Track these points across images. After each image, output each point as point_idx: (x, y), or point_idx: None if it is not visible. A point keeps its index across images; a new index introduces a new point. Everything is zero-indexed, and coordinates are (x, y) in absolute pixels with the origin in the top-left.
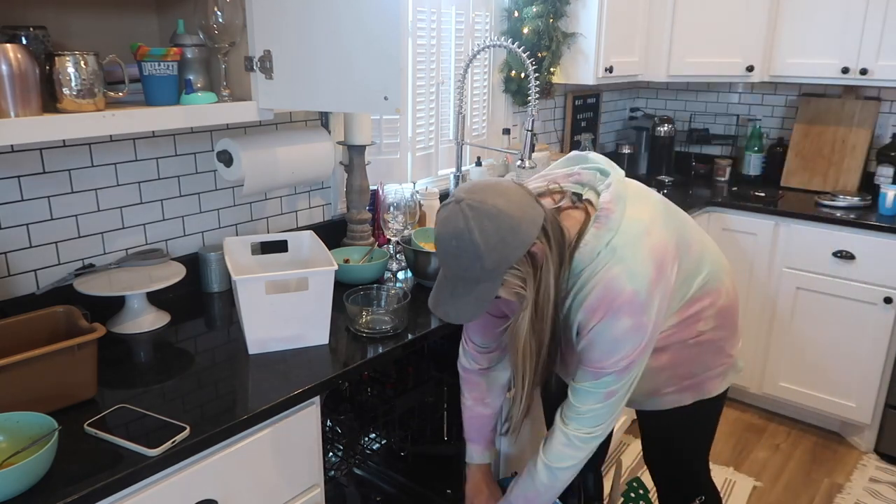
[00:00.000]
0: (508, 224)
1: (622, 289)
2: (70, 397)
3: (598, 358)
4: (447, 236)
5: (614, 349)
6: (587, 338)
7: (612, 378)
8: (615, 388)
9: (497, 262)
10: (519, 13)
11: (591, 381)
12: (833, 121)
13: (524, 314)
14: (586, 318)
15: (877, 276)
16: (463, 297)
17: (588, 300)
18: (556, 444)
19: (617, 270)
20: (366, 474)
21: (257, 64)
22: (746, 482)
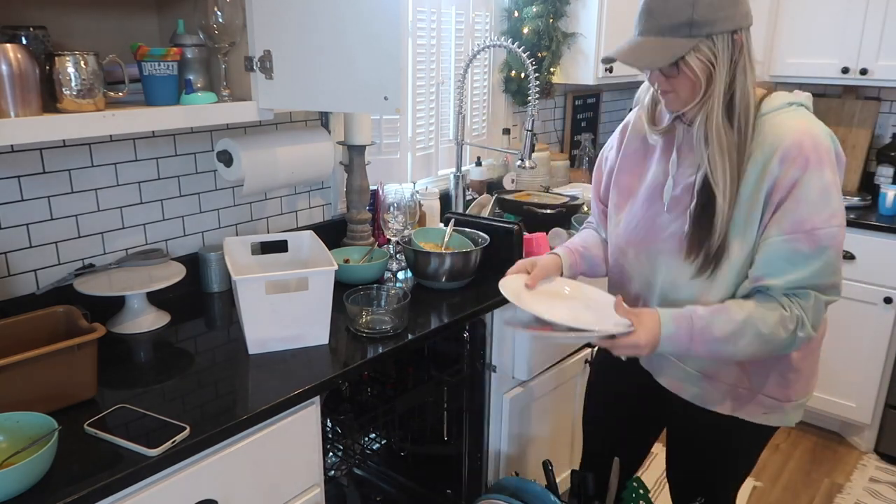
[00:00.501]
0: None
1: (822, 141)
2: (70, 397)
3: (808, 215)
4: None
5: (825, 202)
6: (791, 193)
7: (828, 237)
8: (835, 262)
9: (705, 19)
10: (519, 13)
11: (806, 249)
12: (833, 121)
13: (714, 101)
14: (781, 168)
15: (877, 276)
16: (650, 46)
17: (781, 149)
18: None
19: (811, 123)
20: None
21: (257, 64)
22: (746, 482)
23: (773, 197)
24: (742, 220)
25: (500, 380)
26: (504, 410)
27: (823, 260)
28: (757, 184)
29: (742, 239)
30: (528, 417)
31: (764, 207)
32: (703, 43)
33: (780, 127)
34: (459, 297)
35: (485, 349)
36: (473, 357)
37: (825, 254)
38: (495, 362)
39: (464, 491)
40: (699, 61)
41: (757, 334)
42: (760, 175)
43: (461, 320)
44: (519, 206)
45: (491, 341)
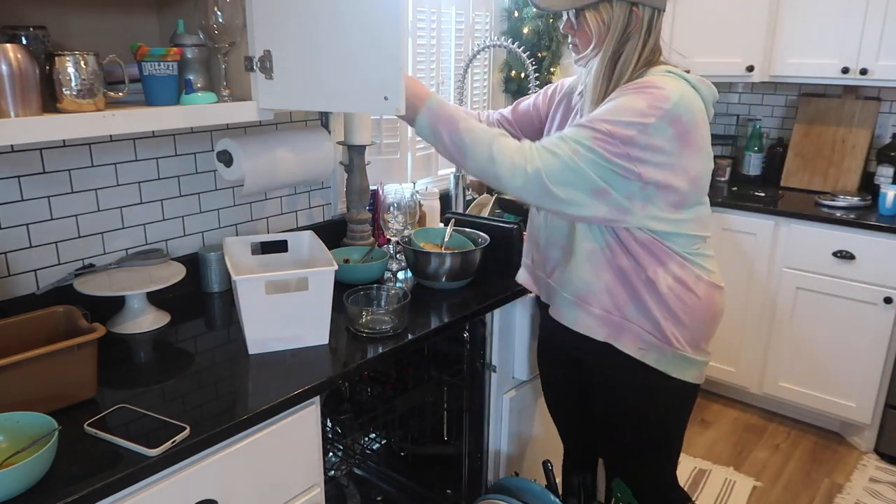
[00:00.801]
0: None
1: (662, 86)
2: (70, 397)
3: (593, 115)
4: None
5: (610, 110)
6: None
7: (586, 134)
8: (581, 147)
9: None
10: (519, 13)
11: (572, 129)
12: (833, 121)
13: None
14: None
15: (877, 276)
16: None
17: (631, 84)
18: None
19: (670, 80)
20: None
21: (257, 64)
22: (746, 482)
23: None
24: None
25: (500, 380)
26: (504, 410)
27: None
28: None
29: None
30: (528, 417)
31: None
32: (602, 4)
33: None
34: (459, 297)
35: (485, 349)
36: (473, 357)
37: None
38: (495, 362)
39: (464, 491)
40: (595, 20)
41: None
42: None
43: (461, 320)
44: (519, 207)
45: (491, 341)
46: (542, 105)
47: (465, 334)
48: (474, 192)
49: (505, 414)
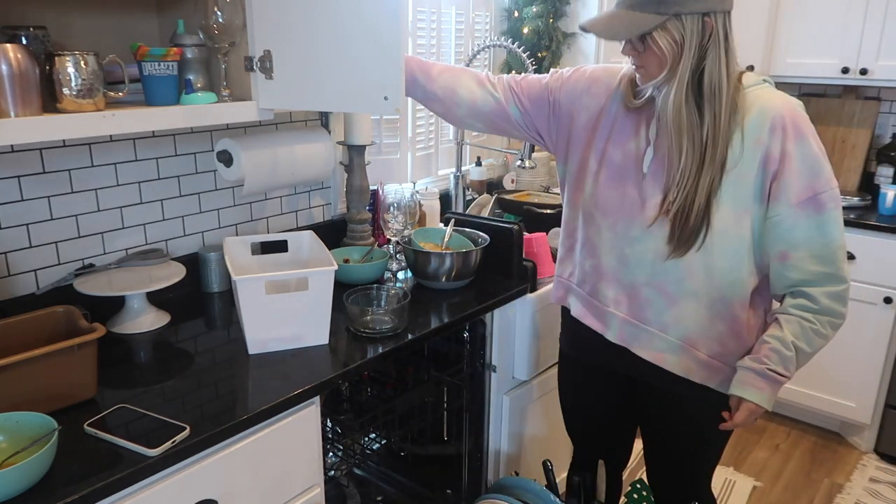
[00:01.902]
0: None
1: (802, 114)
2: (70, 397)
3: (808, 182)
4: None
5: (819, 167)
6: (787, 164)
7: (830, 200)
8: (837, 216)
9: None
10: (519, 13)
11: (813, 214)
12: (833, 121)
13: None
14: (775, 137)
15: (877, 276)
16: (620, 18)
17: (769, 116)
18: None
19: (790, 98)
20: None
21: (257, 64)
22: (746, 482)
23: (767, 166)
24: (731, 188)
25: (500, 380)
26: (504, 410)
27: (832, 219)
28: (747, 153)
29: (732, 207)
30: (528, 417)
31: (761, 175)
32: (670, 21)
33: (764, 98)
34: (459, 297)
35: (485, 349)
36: (473, 357)
37: (830, 214)
38: (495, 362)
39: (464, 491)
40: (665, 39)
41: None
42: (753, 144)
43: (461, 320)
44: (519, 206)
45: (491, 341)
46: (556, 90)
47: (465, 334)
48: (474, 192)
49: (505, 414)
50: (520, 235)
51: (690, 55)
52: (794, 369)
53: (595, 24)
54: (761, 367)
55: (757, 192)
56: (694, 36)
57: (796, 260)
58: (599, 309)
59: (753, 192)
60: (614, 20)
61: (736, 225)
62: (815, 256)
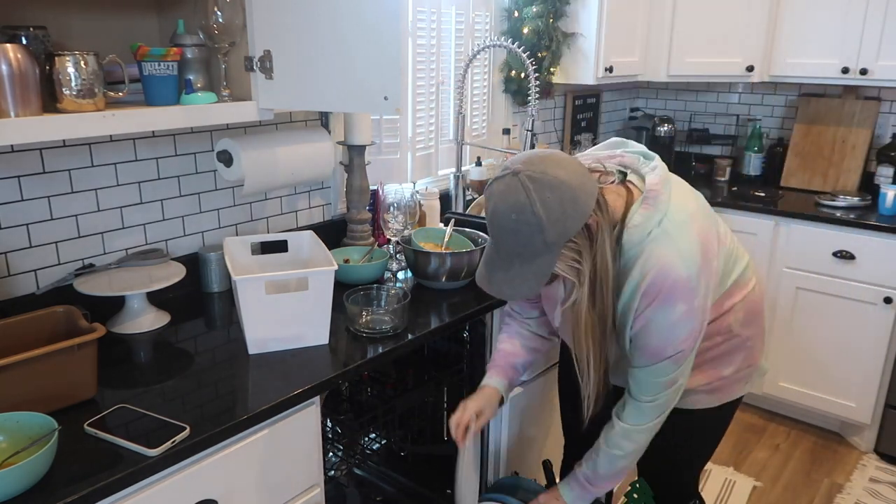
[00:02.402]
0: (570, 195)
1: (677, 274)
2: (70, 397)
3: (655, 344)
4: (506, 210)
5: (671, 335)
6: (642, 323)
7: (670, 365)
8: (675, 377)
9: (558, 235)
10: (519, 13)
11: (649, 368)
12: (833, 121)
13: (582, 290)
14: (641, 302)
15: (877, 276)
16: (519, 273)
17: (643, 284)
18: (615, 437)
19: (670, 254)
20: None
21: (257, 64)
22: (746, 482)
23: (635, 322)
24: (621, 323)
25: None
26: (504, 410)
27: (653, 381)
28: (627, 303)
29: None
30: (528, 417)
31: (631, 323)
32: (564, 248)
33: (642, 261)
34: (459, 297)
35: (485, 349)
36: (473, 357)
37: (672, 367)
38: None
39: None
40: (567, 265)
41: (631, 450)
42: (629, 299)
43: (461, 320)
44: None
45: (491, 341)
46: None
47: (465, 334)
48: (474, 192)
49: (505, 414)
50: None
51: (591, 261)
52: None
53: (501, 292)
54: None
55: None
56: (587, 247)
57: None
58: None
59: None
60: (517, 280)
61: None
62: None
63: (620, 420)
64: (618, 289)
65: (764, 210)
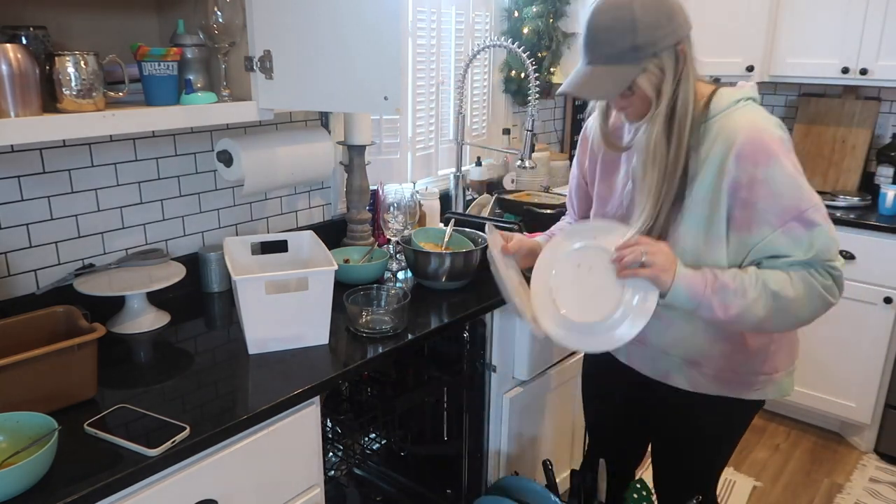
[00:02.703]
0: (667, 9)
1: (771, 132)
2: (70, 397)
3: (789, 203)
4: (605, 7)
5: (797, 187)
6: (762, 190)
7: (815, 213)
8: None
9: (647, 42)
10: (519, 13)
11: (802, 232)
12: (833, 121)
13: (659, 112)
14: (741, 167)
15: (877, 276)
16: (601, 74)
17: (736, 147)
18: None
19: (758, 117)
20: (366, 474)
21: (257, 64)
22: (746, 482)
23: (738, 193)
24: (702, 218)
25: (500, 380)
26: (504, 410)
27: (822, 234)
28: (714, 183)
29: (705, 235)
30: (528, 417)
31: (730, 204)
32: (650, 62)
33: (729, 126)
34: (459, 297)
35: (485, 349)
36: (473, 357)
37: (820, 228)
38: (495, 362)
39: (464, 491)
40: (649, 81)
41: (768, 291)
42: (718, 175)
43: (461, 320)
44: (519, 206)
45: (491, 341)
46: (587, 173)
47: (465, 334)
48: (474, 192)
49: (505, 414)
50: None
51: (672, 87)
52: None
53: (579, 88)
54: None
55: (729, 220)
56: (671, 69)
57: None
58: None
59: (725, 220)
60: (596, 80)
61: (710, 251)
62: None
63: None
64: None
65: None
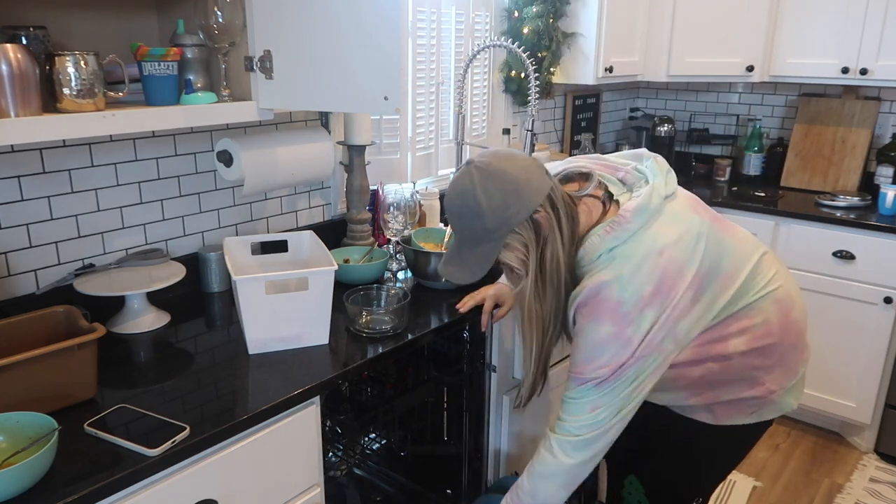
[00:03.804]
0: (512, 187)
1: (608, 294)
2: (70, 397)
3: (578, 361)
4: (453, 195)
5: (593, 354)
6: (575, 338)
7: (591, 388)
8: (597, 403)
9: (498, 223)
10: (519, 13)
11: (573, 387)
12: (833, 121)
13: (527, 280)
14: (576, 316)
15: (877, 276)
16: (467, 258)
17: (579, 297)
18: (541, 448)
19: (608, 276)
20: (366, 474)
21: (257, 64)
22: (746, 482)
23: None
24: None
25: (500, 380)
26: (504, 410)
27: (577, 401)
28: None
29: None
30: (529, 417)
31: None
32: (509, 238)
33: (585, 279)
34: (459, 297)
35: (485, 349)
36: (473, 357)
37: (593, 391)
38: (495, 362)
39: (464, 491)
40: (513, 255)
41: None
42: (572, 312)
43: (461, 320)
44: None
45: (491, 341)
46: None
47: (465, 334)
48: None
49: (505, 414)
50: None
51: (536, 254)
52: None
53: (452, 274)
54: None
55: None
56: (532, 240)
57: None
58: None
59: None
60: (465, 266)
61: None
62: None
63: (551, 430)
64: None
65: (764, 210)
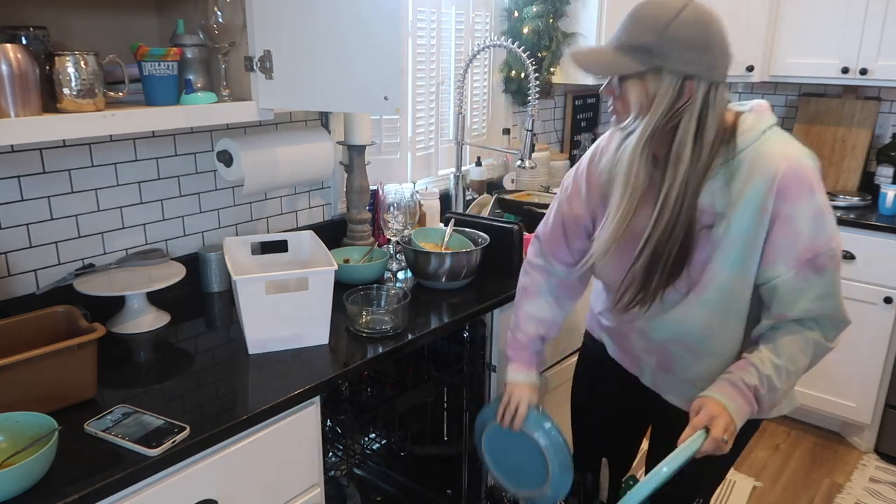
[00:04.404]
0: (703, 43)
1: (808, 164)
2: (70, 397)
3: (808, 242)
4: (656, 2)
5: (822, 226)
6: (787, 225)
7: (829, 260)
8: (836, 279)
9: (662, 50)
10: (519, 13)
11: (812, 276)
12: (833, 121)
13: (638, 129)
14: (777, 200)
15: (877, 276)
16: (604, 55)
17: (777, 180)
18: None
19: (793, 149)
20: (366, 474)
21: (257, 64)
22: (746, 482)
23: (772, 229)
24: (739, 256)
25: (500, 380)
26: None
27: (826, 281)
28: (754, 220)
29: (741, 273)
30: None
31: (765, 240)
32: (649, 73)
33: (764, 160)
34: (459, 297)
35: (485, 349)
36: (473, 357)
37: (828, 275)
38: (495, 362)
39: (464, 491)
40: (637, 89)
41: (791, 375)
42: (758, 212)
43: (461, 320)
44: (519, 206)
45: (491, 341)
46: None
47: (465, 334)
48: (474, 192)
49: None
50: (520, 235)
51: (658, 113)
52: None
53: (579, 54)
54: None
55: (758, 254)
56: (666, 95)
57: (793, 317)
58: (633, 355)
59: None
60: (597, 56)
61: (742, 288)
62: (814, 316)
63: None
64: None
65: None
